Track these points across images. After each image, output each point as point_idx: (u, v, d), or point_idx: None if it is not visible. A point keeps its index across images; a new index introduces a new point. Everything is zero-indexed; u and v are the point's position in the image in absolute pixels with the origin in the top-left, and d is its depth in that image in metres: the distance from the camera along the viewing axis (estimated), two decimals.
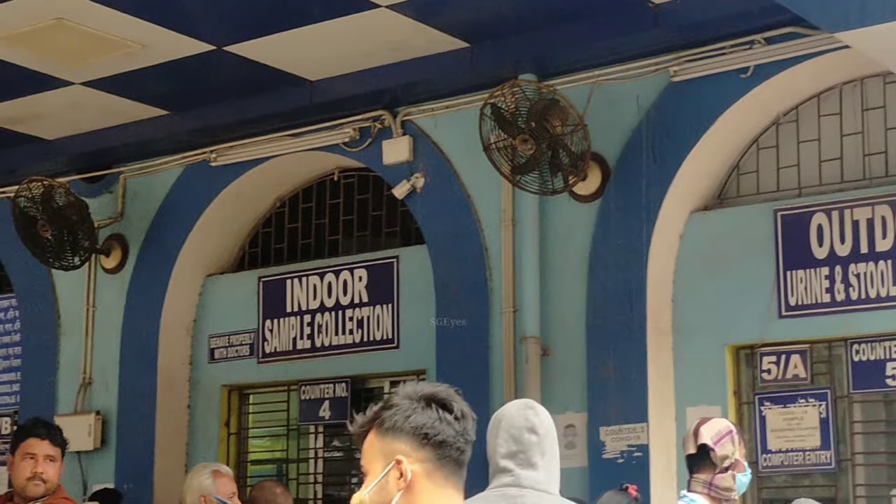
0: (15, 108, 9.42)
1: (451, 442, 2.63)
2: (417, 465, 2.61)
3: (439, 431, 2.63)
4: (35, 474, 5.16)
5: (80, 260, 9.94)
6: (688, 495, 4.92)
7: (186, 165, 10.01)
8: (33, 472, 5.16)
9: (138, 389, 10.03)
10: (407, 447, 2.62)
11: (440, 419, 2.64)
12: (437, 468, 2.62)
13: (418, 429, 2.63)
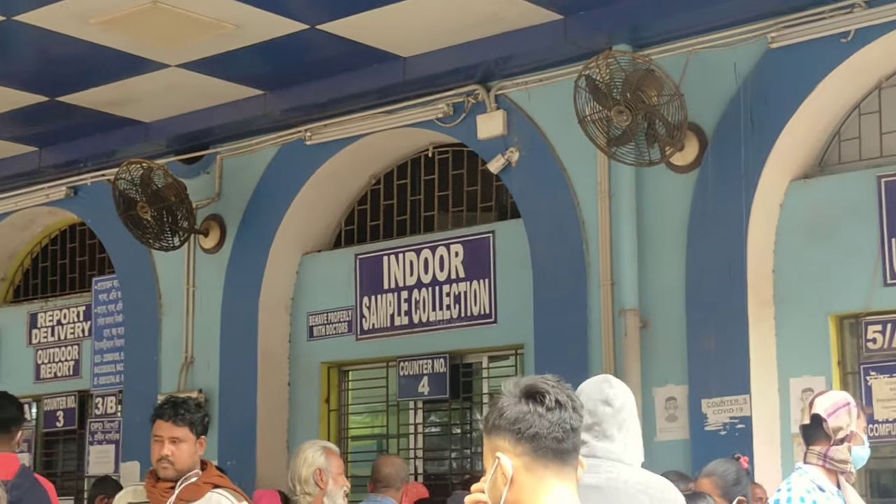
0: (113, 92, 9.54)
1: (544, 434, 2.69)
2: (517, 459, 2.69)
3: (531, 425, 2.69)
4: (162, 457, 5.10)
5: (179, 240, 10.07)
6: (802, 466, 4.85)
7: (282, 145, 10.07)
8: (160, 454, 5.11)
9: (239, 367, 10.13)
10: (506, 443, 2.70)
11: (532, 412, 2.70)
12: (535, 460, 2.69)
13: (512, 424, 2.70)
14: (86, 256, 11.98)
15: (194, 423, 5.17)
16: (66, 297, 11.90)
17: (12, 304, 12.36)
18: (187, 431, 5.15)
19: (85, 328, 11.58)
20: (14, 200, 11.72)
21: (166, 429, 5.13)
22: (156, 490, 5.15)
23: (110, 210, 10.16)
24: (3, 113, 9.93)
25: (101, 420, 11.26)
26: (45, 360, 11.87)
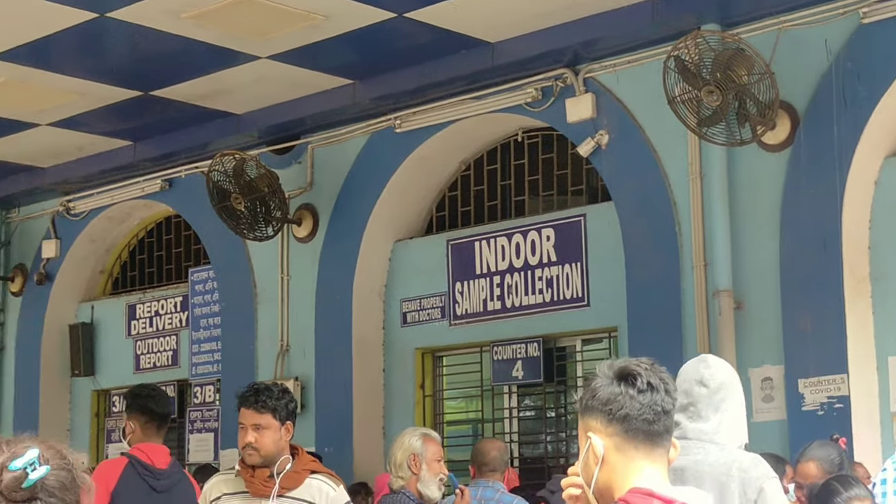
0: (205, 85, 9.68)
1: (635, 415, 2.73)
2: (608, 439, 2.73)
3: (622, 406, 2.73)
4: (246, 444, 5.08)
5: (273, 230, 10.19)
6: None
7: (372, 133, 10.14)
8: (244, 441, 5.10)
9: (334, 355, 10.24)
10: (598, 424, 2.75)
11: (623, 394, 2.74)
12: (626, 441, 2.73)
13: (604, 405, 2.75)
14: (182, 248, 12.16)
15: (277, 409, 5.13)
16: (163, 289, 12.10)
17: (111, 297, 12.59)
18: (270, 418, 5.12)
19: (182, 318, 11.76)
20: (111, 194, 11.95)
21: (249, 416, 5.12)
22: (255, 479, 5.14)
23: (205, 202, 10.30)
24: (99, 108, 10.11)
25: (199, 409, 11.44)
26: (143, 351, 12.08)
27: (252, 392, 5.17)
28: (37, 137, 10.82)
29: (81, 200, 12.18)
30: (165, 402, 6.33)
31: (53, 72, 9.28)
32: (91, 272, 12.62)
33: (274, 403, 5.13)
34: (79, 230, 12.31)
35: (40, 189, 12.14)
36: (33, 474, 2.34)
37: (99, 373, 12.31)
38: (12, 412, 12.56)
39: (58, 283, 12.43)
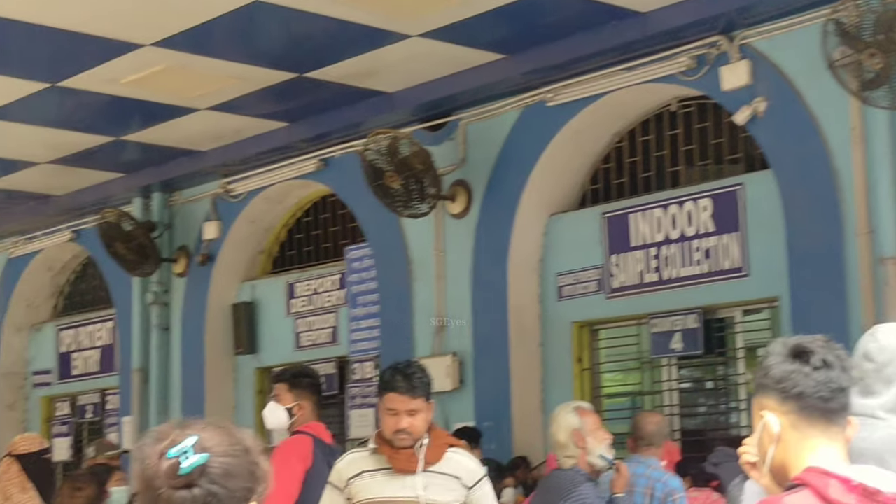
0: (357, 65, 9.76)
1: (809, 393, 2.69)
2: (783, 417, 2.71)
3: (797, 384, 2.70)
4: (400, 430, 5.06)
5: (427, 207, 10.24)
6: None
7: (524, 107, 10.12)
8: (397, 427, 5.07)
9: (491, 330, 10.26)
10: (773, 402, 2.73)
11: (797, 371, 2.70)
12: (801, 419, 2.69)
13: (777, 383, 2.72)
14: (338, 226, 12.31)
15: (427, 391, 5.16)
16: (321, 267, 12.27)
17: (271, 276, 12.81)
18: (422, 401, 5.13)
19: (340, 296, 11.91)
20: (268, 175, 12.15)
21: (403, 402, 5.08)
22: (400, 456, 5.13)
23: (360, 180, 10.40)
24: (256, 92, 10.28)
25: (359, 385, 11.58)
26: (304, 329, 12.27)
27: (403, 377, 5.12)
28: (196, 122, 11.05)
29: (240, 182, 12.41)
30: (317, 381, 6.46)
31: (211, 57, 9.46)
32: (251, 252, 12.86)
33: (424, 386, 5.14)
34: (238, 211, 12.55)
35: (201, 172, 12.40)
36: (185, 463, 2.35)
37: (261, 351, 12.55)
38: (179, 390, 12.89)
39: (219, 263, 12.69)
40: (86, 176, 12.81)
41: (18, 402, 15.27)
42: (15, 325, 15.20)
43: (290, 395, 6.20)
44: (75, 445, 14.63)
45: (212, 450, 2.40)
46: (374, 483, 5.16)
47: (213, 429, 2.45)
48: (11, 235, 14.92)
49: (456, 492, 5.18)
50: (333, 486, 5.27)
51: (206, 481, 2.37)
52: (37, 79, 9.86)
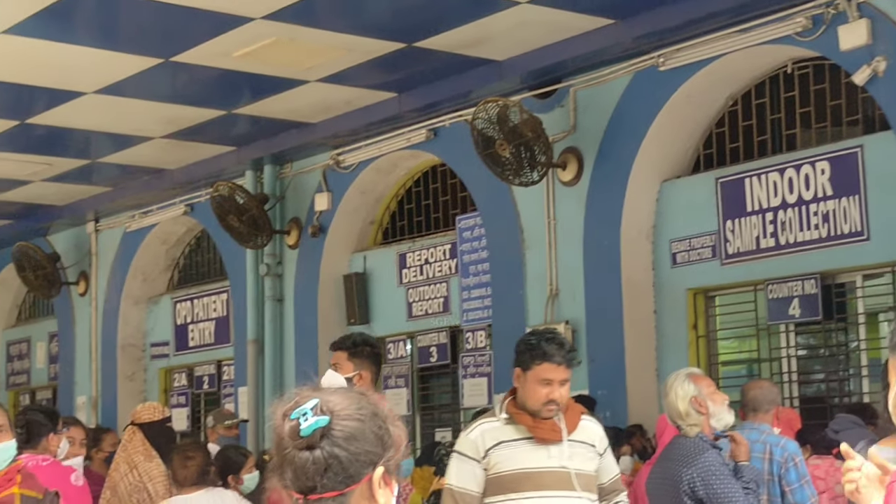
0: (466, 34, 9.72)
1: None
2: None
3: None
4: (551, 400, 5.00)
5: (538, 175, 10.19)
6: None
7: (635, 72, 10.00)
8: (550, 398, 4.98)
9: (604, 298, 10.19)
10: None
11: None
12: None
13: None
14: (448, 196, 12.31)
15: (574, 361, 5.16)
16: (432, 237, 12.28)
17: (382, 246, 12.86)
18: (571, 372, 5.12)
19: (452, 266, 11.92)
20: (377, 146, 12.18)
21: (558, 372, 5.01)
22: (544, 426, 5.05)
23: (469, 149, 10.38)
24: (364, 62, 10.29)
25: (472, 354, 11.59)
26: (415, 299, 12.30)
27: (556, 346, 5.05)
28: (306, 94, 11.10)
29: (350, 153, 12.46)
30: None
31: (321, 29, 9.49)
32: (362, 223, 12.92)
33: (574, 356, 5.14)
34: (349, 182, 12.60)
35: (311, 144, 12.48)
36: (304, 424, 2.39)
37: (373, 321, 12.61)
38: (293, 361, 13.01)
39: (331, 234, 12.77)
40: (198, 150, 12.97)
41: (137, 374, 15.56)
42: (132, 297, 15.47)
43: (349, 363, 5.95)
44: (193, 416, 14.88)
45: (335, 413, 2.42)
46: (517, 453, 5.05)
47: (342, 393, 2.47)
48: (127, 210, 15.17)
49: (593, 461, 5.13)
50: (469, 458, 5.11)
51: (327, 443, 2.40)
52: (150, 54, 9.98)
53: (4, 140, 12.33)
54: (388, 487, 2.45)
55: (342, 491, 2.40)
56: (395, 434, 2.46)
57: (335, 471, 2.40)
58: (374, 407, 2.46)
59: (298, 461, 2.40)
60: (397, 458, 2.46)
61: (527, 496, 5.01)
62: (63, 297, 16.15)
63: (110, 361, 15.55)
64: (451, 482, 5.14)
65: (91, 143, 12.71)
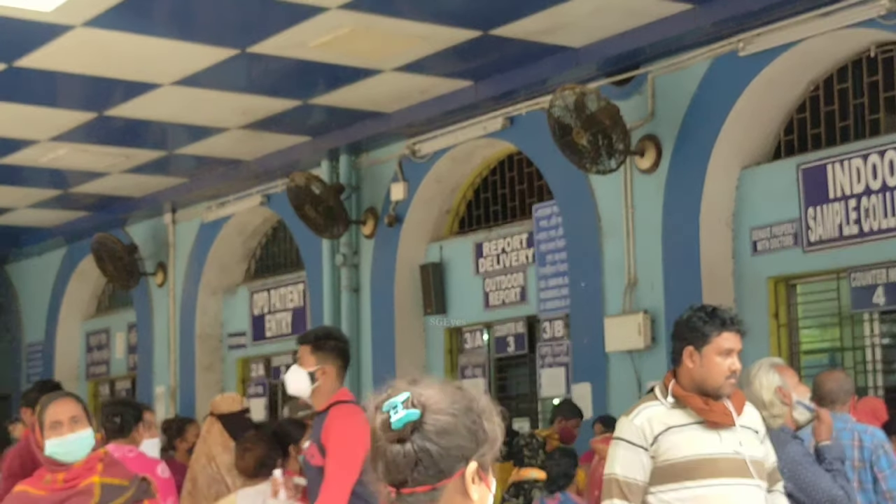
0: (543, 21, 9.65)
1: None
2: None
3: None
4: (732, 372, 4.73)
5: (615, 163, 10.10)
6: None
7: (714, 58, 9.87)
8: (731, 370, 4.72)
9: (683, 286, 10.08)
10: None
11: None
12: None
13: None
14: (524, 185, 12.25)
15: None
16: (508, 226, 12.23)
17: (458, 236, 12.83)
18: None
19: (528, 255, 11.86)
20: (453, 135, 12.14)
21: (737, 341, 4.77)
22: (717, 409, 4.77)
23: (546, 138, 10.31)
24: (441, 51, 10.26)
25: (549, 343, 11.53)
26: (492, 288, 12.26)
27: (729, 314, 4.83)
28: (382, 83, 11.09)
29: (426, 142, 12.44)
30: None
31: (396, 18, 9.47)
32: (438, 212, 12.90)
33: (744, 325, 4.88)
34: (425, 171, 12.58)
35: (387, 133, 12.47)
36: (395, 417, 2.38)
37: (450, 311, 12.59)
38: (370, 350, 13.03)
39: (407, 224, 12.76)
40: (275, 140, 13.02)
41: (215, 364, 15.67)
42: (209, 288, 15.59)
43: (312, 357, 5.85)
44: (270, 406, 14.96)
45: (428, 407, 2.40)
46: (687, 439, 4.76)
47: (436, 386, 2.45)
48: (204, 200, 15.27)
49: (761, 447, 4.90)
50: (635, 446, 4.78)
51: (418, 437, 2.38)
52: (227, 45, 10.02)
53: (83, 132, 12.46)
54: (483, 483, 2.42)
55: (434, 485, 2.39)
56: (490, 429, 2.43)
57: (426, 465, 2.38)
58: (470, 401, 2.43)
59: (390, 454, 2.39)
60: (492, 454, 2.43)
61: (703, 484, 4.73)
62: (141, 287, 16.31)
63: (188, 352, 15.68)
64: (615, 471, 4.80)
65: (168, 134, 12.80)
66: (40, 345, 18.80)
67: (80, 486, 4.80)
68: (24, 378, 19.03)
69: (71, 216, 16.81)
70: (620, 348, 10.45)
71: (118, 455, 6.23)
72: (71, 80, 10.80)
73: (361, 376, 13.04)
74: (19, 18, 9.17)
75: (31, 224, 17.28)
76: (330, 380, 5.85)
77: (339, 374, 5.90)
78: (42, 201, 15.86)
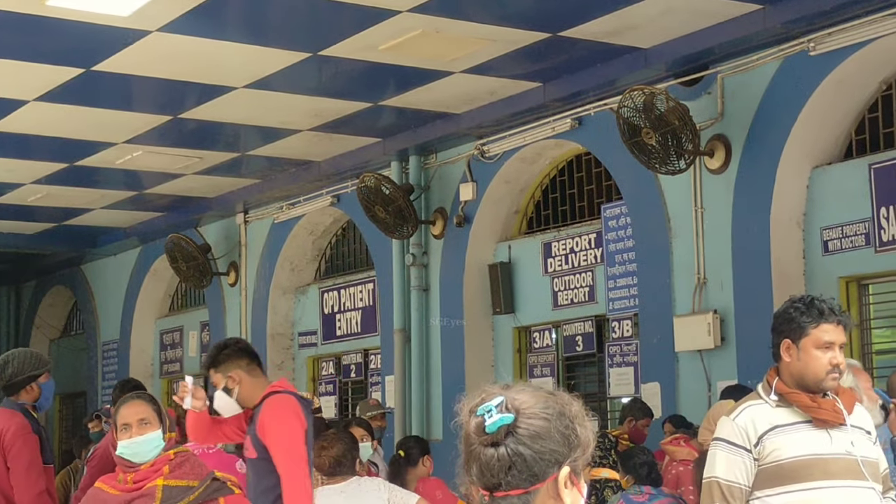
0: (611, 22, 9.67)
1: None
2: None
3: None
4: (834, 366, 4.50)
5: (685, 163, 10.10)
6: None
7: (784, 58, 9.84)
8: (832, 363, 4.49)
9: (753, 286, 10.06)
10: None
11: None
12: None
13: None
14: (593, 185, 12.27)
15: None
16: (576, 226, 12.26)
17: (526, 236, 12.87)
18: (846, 336, 4.66)
19: (597, 255, 11.88)
20: (522, 136, 12.19)
21: (838, 333, 4.53)
22: (826, 406, 4.53)
23: (614, 138, 10.33)
24: (509, 53, 10.31)
25: (618, 343, 11.54)
26: (561, 288, 12.29)
27: (828, 305, 4.57)
28: (451, 85, 11.17)
29: (495, 143, 12.50)
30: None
31: (465, 20, 9.53)
32: (506, 213, 12.95)
33: (848, 317, 4.65)
34: (493, 172, 12.64)
35: (456, 134, 12.54)
36: (489, 421, 2.41)
37: (519, 310, 12.64)
38: (439, 350, 13.11)
39: (476, 224, 12.83)
40: (345, 142, 13.14)
41: (286, 363, 15.84)
42: (281, 287, 15.75)
43: (217, 375, 6.11)
44: (340, 404, 15.09)
45: (521, 411, 2.44)
46: (796, 439, 4.53)
47: (529, 391, 2.48)
48: (276, 201, 15.44)
49: (874, 448, 4.64)
50: (737, 447, 4.57)
51: (512, 441, 2.42)
52: (298, 49, 10.14)
53: (158, 135, 12.65)
54: (575, 488, 2.44)
55: (527, 489, 2.42)
56: (583, 434, 2.46)
57: (519, 468, 2.42)
58: (562, 406, 2.46)
59: (483, 458, 2.43)
60: (584, 459, 2.45)
61: (814, 486, 4.49)
62: (214, 287, 16.51)
63: (260, 350, 15.47)
64: (717, 474, 4.58)
65: (240, 136, 12.96)
66: (115, 343, 19.09)
67: (145, 488, 4.89)
68: (100, 376, 19.35)
69: (145, 217, 17.06)
70: (690, 348, 10.45)
71: (198, 452, 6.37)
72: (146, 84, 10.98)
73: (431, 376, 13.13)
74: (97, 24, 9.35)
75: (107, 224, 17.56)
76: (246, 382, 6.06)
77: (252, 371, 6.11)
78: (117, 202, 16.11)
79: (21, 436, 7.12)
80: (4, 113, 11.74)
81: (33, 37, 9.60)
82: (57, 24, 9.30)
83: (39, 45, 9.81)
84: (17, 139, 12.71)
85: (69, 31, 9.48)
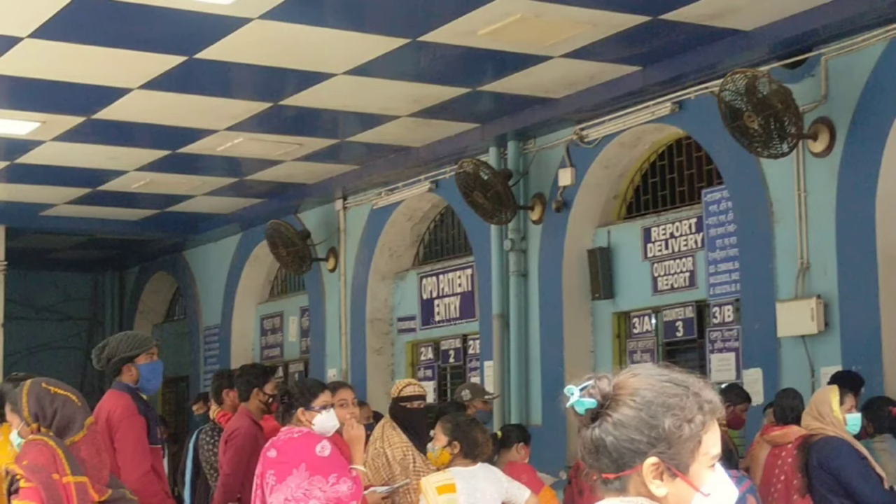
0: (712, 4, 9.56)
1: None
2: None
3: None
4: None
5: (787, 146, 9.97)
6: None
7: (890, 39, 9.66)
8: None
9: (857, 271, 9.91)
10: None
11: None
12: None
13: None
14: (693, 169, 12.15)
15: None
16: (677, 211, 12.15)
17: (626, 221, 12.79)
18: None
19: (697, 240, 11.77)
20: (622, 120, 12.11)
21: None
22: None
23: (716, 122, 10.22)
24: (609, 37, 10.25)
25: (719, 329, 11.43)
26: (661, 273, 12.20)
27: None
28: (550, 69, 11.13)
29: (594, 128, 12.44)
30: None
31: (564, 4, 9.48)
32: (605, 198, 12.88)
33: None
34: (592, 157, 12.58)
35: (554, 119, 12.49)
36: (577, 399, 2.44)
37: (618, 295, 12.58)
38: (538, 335, 13.09)
39: (574, 209, 12.78)
40: (443, 127, 13.16)
41: (385, 348, 15.93)
42: (379, 273, 15.83)
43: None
44: (439, 389, 15.14)
45: (611, 397, 2.43)
46: None
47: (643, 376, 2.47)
48: (374, 187, 15.52)
49: None
50: None
51: (598, 426, 2.43)
52: (397, 35, 10.17)
53: (258, 121, 12.78)
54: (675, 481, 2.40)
55: (617, 475, 2.43)
56: (674, 426, 2.40)
57: (602, 453, 2.43)
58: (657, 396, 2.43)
59: (580, 439, 2.47)
60: (673, 453, 2.40)
61: None
62: (313, 272, 16.65)
63: (359, 335, 15.95)
64: None
65: (339, 122, 13.05)
66: (217, 328, 19.35)
67: None
68: (202, 360, 19.64)
69: (246, 203, 17.26)
70: (793, 333, 10.32)
71: (285, 438, 6.63)
72: (247, 71, 11.10)
73: (530, 361, 13.12)
74: (200, 12, 9.47)
75: (208, 211, 17.80)
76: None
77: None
78: (218, 189, 16.31)
79: (126, 416, 7.27)
80: (109, 101, 11.94)
81: (137, 26, 9.74)
82: (160, 13, 9.43)
83: (143, 33, 9.95)
84: (121, 127, 12.91)
85: (172, 20, 9.61)
